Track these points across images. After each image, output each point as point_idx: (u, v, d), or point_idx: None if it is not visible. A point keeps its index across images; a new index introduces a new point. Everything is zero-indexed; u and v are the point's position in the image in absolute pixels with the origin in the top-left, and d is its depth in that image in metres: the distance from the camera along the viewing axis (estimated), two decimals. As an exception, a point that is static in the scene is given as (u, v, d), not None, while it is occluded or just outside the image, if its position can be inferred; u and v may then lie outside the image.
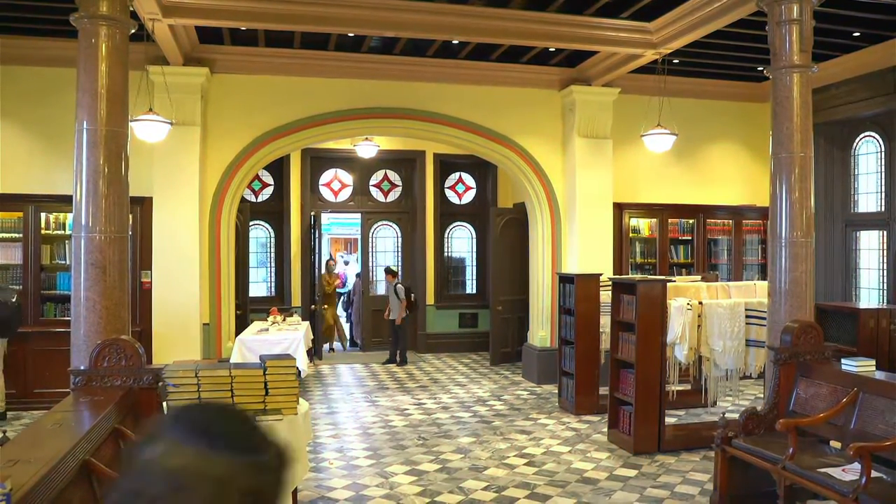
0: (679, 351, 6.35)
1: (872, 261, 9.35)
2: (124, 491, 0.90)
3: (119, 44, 4.87)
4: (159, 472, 0.88)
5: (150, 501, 0.86)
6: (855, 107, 8.91)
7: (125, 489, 0.90)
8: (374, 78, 8.89)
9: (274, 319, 9.01)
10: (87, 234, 4.74)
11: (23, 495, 2.27)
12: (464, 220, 12.54)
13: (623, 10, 7.46)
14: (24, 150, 8.15)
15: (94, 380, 4.12)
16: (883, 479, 3.93)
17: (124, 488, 0.90)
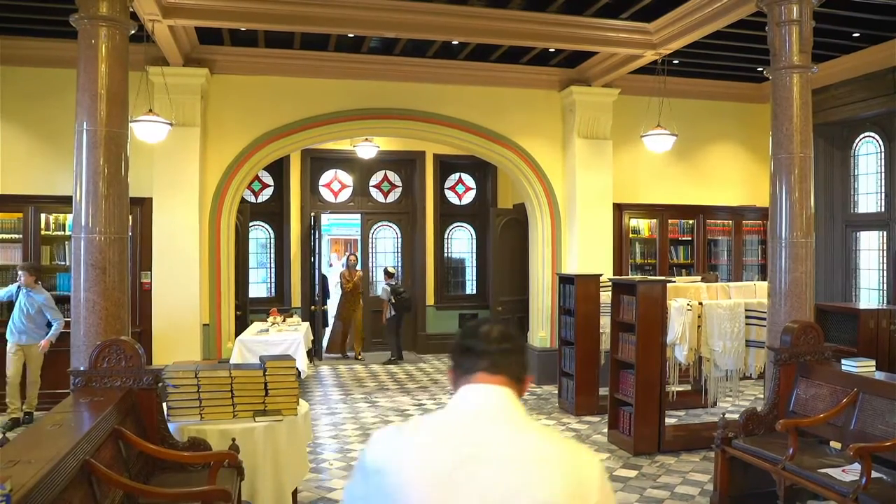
0: (679, 351, 6.35)
1: (872, 261, 9.35)
2: (477, 336, 1.58)
3: (119, 44, 4.87)
4: (496, 329, 1.59)
5: (496, 339, 1.56)
6: (855, 107, 8.91)
7: (472, 330, 1.60)
8: (374, 78, 8.89)
9: (274, 320, 9.00)
10: (87, 234, 4.74)
11: (23, 496, 2.27)
12: (464, 221, 12.54)
13: (623, 11, 7.46)
14: (24, 151, 8.15)
15: (94, 380, 4.12)
16: (883, 480, 3.93)
17: (469, 329, 1.61)
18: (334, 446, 6.63)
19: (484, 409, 1.47)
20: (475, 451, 1.40)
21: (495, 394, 1.49)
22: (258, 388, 4.43)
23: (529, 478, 1.37)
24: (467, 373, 1.54)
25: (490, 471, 1.38)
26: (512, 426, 1.46)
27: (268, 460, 4.27)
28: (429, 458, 1.42)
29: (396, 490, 1.40)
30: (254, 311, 10.28)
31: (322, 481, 5.61)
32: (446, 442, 1.44)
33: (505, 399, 1.49)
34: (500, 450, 1.41)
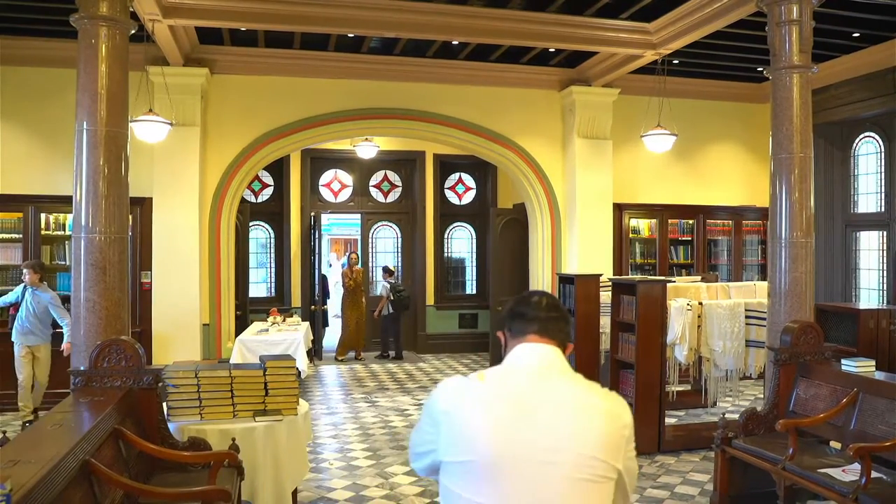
0: (679, 351, 6.35)
1: (872, 261, 9.35)
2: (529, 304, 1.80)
3: (119, 44, 4.86)
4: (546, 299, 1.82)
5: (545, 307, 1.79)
6: (855, 107, 8.91)
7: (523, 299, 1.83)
8: (374, 78, 8.89)
9: (274, 320, 9.00)
10: (87, 234, 4.74)
11: (23, 495, 2.27)
12: (464, 221, 12.54)
13: (623, 11, 7.47)
14: (24, 150, 8.15)
15: (94, 380, 4.12)
16: (883, 480, 3.93)
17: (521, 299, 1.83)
18: (334, 446, 6.63)
19: (537, 364, 1.72)
20: (531, 399, 1.65)
21: (546, 351, 1.73)
22: (258, 388, 4.43)
23: (578, 421, 1.64)
24: (520, 334, 1.77)
25: (545, 415, 1.62)
26: (561, 378, 1.72)
27: (268, 460, 4.27)
28: (492, 404, 1.65)
29: (463, 429, 1.62)
30: (254, 311, 10.28)
31: (322, 481, 5.61)
32: (506, 390, 1.68)
33: (554, 356, 1.74)
34: (552, 397, 1.66)
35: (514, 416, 1.63)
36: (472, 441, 1.62)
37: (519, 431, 1.61)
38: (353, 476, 5.73)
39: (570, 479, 1.61)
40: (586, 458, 1.62)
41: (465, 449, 1.63)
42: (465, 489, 1.63)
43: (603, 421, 1.66)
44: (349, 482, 5.58)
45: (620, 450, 1.68)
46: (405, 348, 12.01)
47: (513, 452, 1.61)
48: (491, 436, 1.61)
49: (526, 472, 1.60)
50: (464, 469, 1.63)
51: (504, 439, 1.61)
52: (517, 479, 1.60)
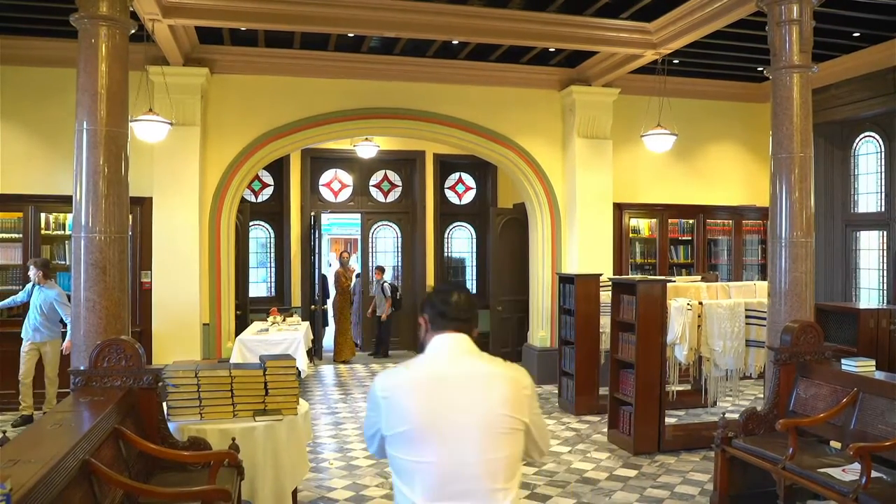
0: (679, 351, 6.35)
1: (872, 261, 9.35)
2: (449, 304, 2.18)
3: (119, 44, 4.86)
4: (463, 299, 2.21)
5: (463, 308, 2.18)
6: (855, 107, 8.91)
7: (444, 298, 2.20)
8: (373, 78, 8.89)
9: (274, 320, 9.00)
10: (87, 234, 4.74)
11: (23, 495, 2.27)
12: (464, 221, 12.54)
13: (623, 11, 7.46)
14: (24, 150, 8.15)
15: (94, 380, 4.12)
16: (883, 480, 3.93)
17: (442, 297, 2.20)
18: (334, 446, 6.63)
19: (451, 350, 2.15)
20: (448, 376, 2.10)
21: (458, 339, 2.17)
22: (258, 388, 4.43)
23: (486, 387, 2.09)
24: (440, 329, 2.19)
25: (459, 387, 2.07)
26: (470, 357, 2.15)
27: (268, 460, 4.27)
28: (418, 384, 2.09)
29: (398, 407, 2.05)
30: (254, 311, 10.28)
31: (322, 481, 5.61)
32: (428, 372, 2.12)
33: (464, 342, 2.17)
34: (464, 371, 2.11)
35: (436, 391, 2.06)
36: (406, 415, 2.03)
37: (440, 401, 2.04)
38: (352, 476, 5.73)
39: (484, 433, 2.04)
40: (495, 415, 2.05)
41: (400, 422, 2.04)
42: (406, 453, 2.04)
43: (506, 385, 2.09)
44: (349, 482, 5.58)
45: (524, 406, 2.11)
46: (405, 348, 12.04)
47: (437, 418, 2.03)
48: (419, 408, 2.03)
49: (449, 431, 2.02)
50: (402, 437, 2.04)
51: (429, 409, 2.03)
52: (443, 438, 2.02)
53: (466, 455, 2.02)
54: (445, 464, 2.02)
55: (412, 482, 2.04)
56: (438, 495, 2.01)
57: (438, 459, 2.02)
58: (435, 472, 2.02)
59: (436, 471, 2.02)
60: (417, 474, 2.03)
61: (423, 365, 2.15)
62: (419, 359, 2.18)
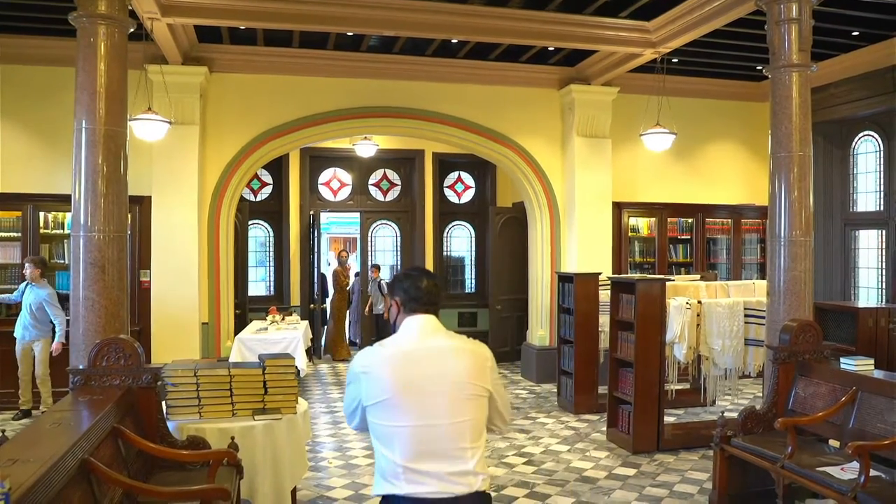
0: (678, 350, 6.36)
1: (871, 260, 9.35)
2: (420, 290, 2.47)
3: (118, 43, 4.86)
4: (431, 284, 2.51)
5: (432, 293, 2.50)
6: (854, 106, 8.91)
7: (416, 284, 2.48)
8: (373, 77, 8.88)
9: (273, 319, 9.00)
10: (86, 233, 4.73)
11: (22, 494, 2.27)
12: (463, 220, 12.54)
13: (622, 10, 7.46)
14: (24, 150, 8.15)
15: (93, 379, 4.11)
16: (882, 478, 3.93)
17: (414, 283, 2.49)
18: (333, 445, 6.63)
19: (421, 328, 2.46)
20: (419, 350, 2.40)
21: (427, 319, 2.48)
22: (257, 387, 4.43)
23: (452, 359, 2.39)
24: (412, 311, 2.49)
25: (429, 359, 2.38)
26: (437, 334, 2.46)
27: (267, 459, 4.27)
28: (393, 359, 2.37)
29: (378, 379, 2.33)
30: (253, 310, 10.28)
31: (321, 480, 5.61)
32: (402, 349, 2.41)
33: (433, 321, 2.49)
34: (433, 346, 2.42)
35: (409, 364, 2.36)
36: (384, 385, 2.31)
37: (414, 373, 2.34)
38: (352, 475, 5.73)
39: (452, 399, 2.34)
40: (461, 383, 2.36)
41: (380, 392, 2.32)
42: (385, 420, 2.33)
43: (470, 357, 2.42)
44: (348, 481, 5.58)
45: (486, 375, 2.43)
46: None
47: (411, 388, 2.31)
48: (395, 380, 2.32)
49: (422, 399, 2.32)
50: (381, 406, 2.32)
51: (404, 380, 2.32)
52: (417, 404, 2.31)
53: (438, 419, 2.32)
54: (420, 427, 2.31)
55: (392, 445, 2.32)
56: (415, 454, 2.30)
57: (414, 423, 2.31)
58: (411, 435, 2.30)
59: (412, 433, 2.31)
60: (396, 437, 2.31)
61: (398, 343, 2.46)
62: (393, 338, 2.48)
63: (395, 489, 2.32)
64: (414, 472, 2.29)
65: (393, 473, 2.32)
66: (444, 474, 2.31)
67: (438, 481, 2.30)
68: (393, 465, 2.31)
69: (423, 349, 2.42)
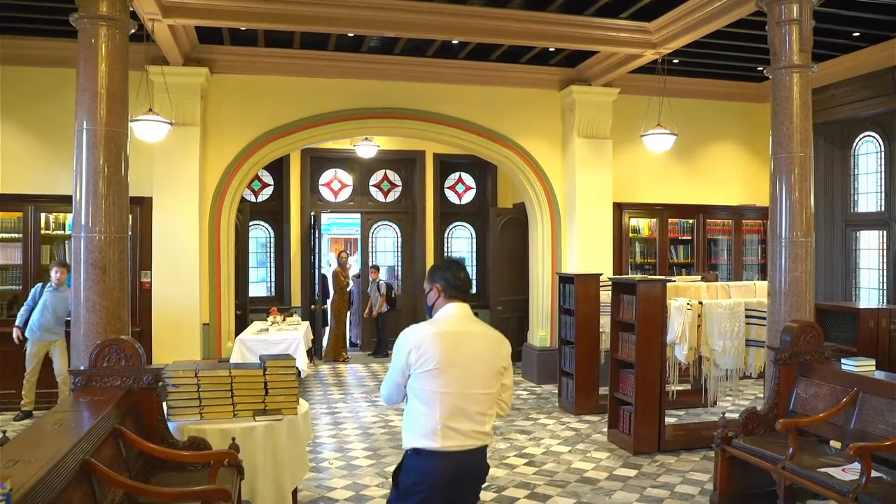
0: (679, 351, 6.35)
1: (872, 261, 9.35)
2: (457, 276, 3.04)
3: (119, 44, 4.86)
4: (467, 276, 3.10)
5: (469, 283, 3.12)
6: (855, 107, 8.91)
7: (457, 275, 3.04)
8: (373, 78, 8.89)
9: (274, 319, 9.00)
10: (87, 234, 4.74)
11: (23, 495, 2.27)
12: (464, 220, 12.55)
13: (623, 10, 7.46)
14: (24, 150, 8.15)
15: (94, 380, 4.12)
16: (883, 479, 3.93)
17: (455, 273, 3.05)
18: (334, 445, 6.63)
19: (461, 314, 3.02)
20: (460, 331, 2.96)
21: (464, 307, 3.05)
22: (258, 388, 4.43)
23: (485, 341, 3.00)
24: (451, 298, 3.03)
25: (468, 339, 2.95)
26: (471, 320, 3.04)
27: (268, 460, 4.27)
28: (440, 336, 2.89)
29: (429, 350, 2.84)
30: (254, 311, 10.28)
31: (322, 480, 5.61)
32: (446, 328, 2.95)
33: (467, 309, 3.05)
34: (470, 329, 2.99)
35: (454, 342, 2.90)
36: (433, 356, 2.84)
37: (457, 348, 2.89)
38: (352, 476, 5.73)
39: (485, 375, 2.93)
40: (490, 363, 2.96)
41: (429, 362, 2.84)
42: (431, 386, 2.84)
43: (496, 342, 3.03)
44: (349, 482, 5.58)
45: (506, 356, 3.03)
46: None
47: (454, 359, 2.86)
48: (444, 353, 2.85)
49: (463, 371, 2.88)
50: (430, 374, 2.84)
51: (449, 353, 2.86)
52: (459, 376, 2.86)
53: (473, 388, 2.89)
54: (460, 394, 2.86)
55: (433, 406, 2.85)
56: (451, 415, 2.84)
57: (455, 390, 2.86)
58: (451, 399, 2.85)
59: (452, 398, 2.85)
60: (438, 400, 2.85)
61: (443, 323, 2.98)
62: (436, 319, 3.02)
63: (431, 444, 2.85)
64: (450, 428, 2.84)
65: (432, 430, 2.84)
66: (471, 432, 2.89)
67: (465, 437, 2.87)
68: (434, 422, 2.84)
69: (463, 332, 2.96)
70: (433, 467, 2.86)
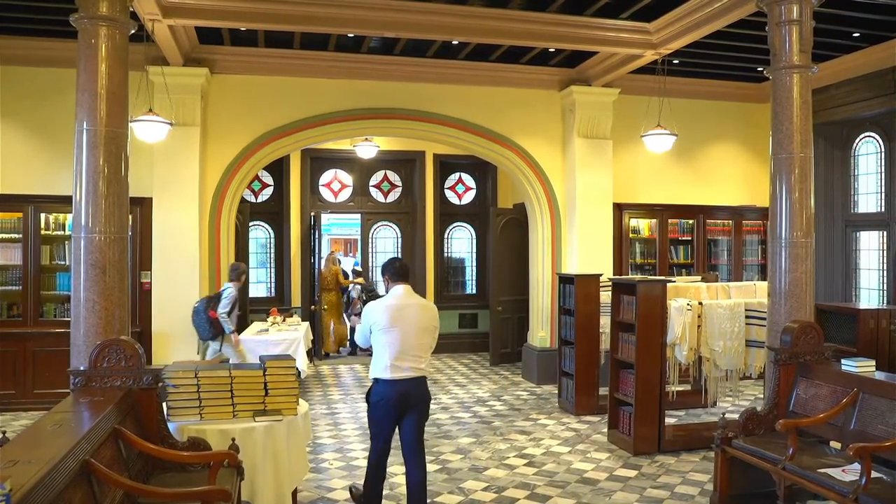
0: (679, 351, 6.35)
1: (872, 261, 9.35)
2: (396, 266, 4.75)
3: (119, 44, 4.86)
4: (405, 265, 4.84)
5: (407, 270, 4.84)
6: (855, 107, 8.91)
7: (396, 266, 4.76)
8: (374, 78, 8.89)
9: (274, 320, 9.00)
10: (87, 234, 4.74)
11: (22, 496, 2.27)
12: (464, 221, 12.54)
13: (623, 11, 7.47)
14: (24, 150, 8.15)
15: (94, 380, 4.12)
16: (883, 480, 3.93)
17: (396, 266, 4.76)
18: (334, 446, 6.63)
19: (403, 292, 4.59)
20: (403, 303, 4.54)
21: (405, 287, 4.62)
22: (258, 388, 4.43)
23: (421, 310, 4.60)
24: (396, 282, 4.61)
25: (409, 308, 4.54)
26: (412, 296, 4.65)
27: (268, 460, 4.27)
28: (392, 305, 4.52)
29: (382, 317, 4.46)
30: (254, 311, 10.28)
31: (322, 481, 5.61)
32: (395, 302, 4.54)
33: (410, 288, 4.66)
34: (410, 302, 4.58)
35: (398, 311, 4.46)
36: (384, 320, 4.42)
37: (399, 314, 4.45)
38: (352, 476, 5.73)
39: (418, 330, 4.48)
40: (424, 319, 4.53)
41: (382, 323, 4.43)
42: (384, 338, 4.43)
43: (428, 310, 4.63)
44: (349, 482, 5.57)
45: (434, 317, 4.61)
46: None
47: (398, 322, 4.43)
48: (390, 318, 4.43)
49: (405, 328, 4.43)
50: (383, 331, 4.43)
51: (393, 318, 4.43)
52: (402, 332, 4.42)
53: (411, 339, 4.48)
54: (402, 343, 4.45)
55: (385, 352, 4.45)
56: (397, 358, 4.44)
57: (400, 340, 4.44)
58: (397, 347, 4.44)
59: (397, 346, 4.44)
60: (388, 348, 4.44)
61: (390, 298, 4.59)
62: (388, 296, 4.62)
63: (385, 375, 4.46)
64: (396, 366, 4.45)
65: (384, 367, 4.45)
66: (410, 368, 4.48)
67: (406, 371, 4.47)
68: (386, 362, 4.44)
69: (404, 304, 4.55)
70: (387, 390, 4.46)
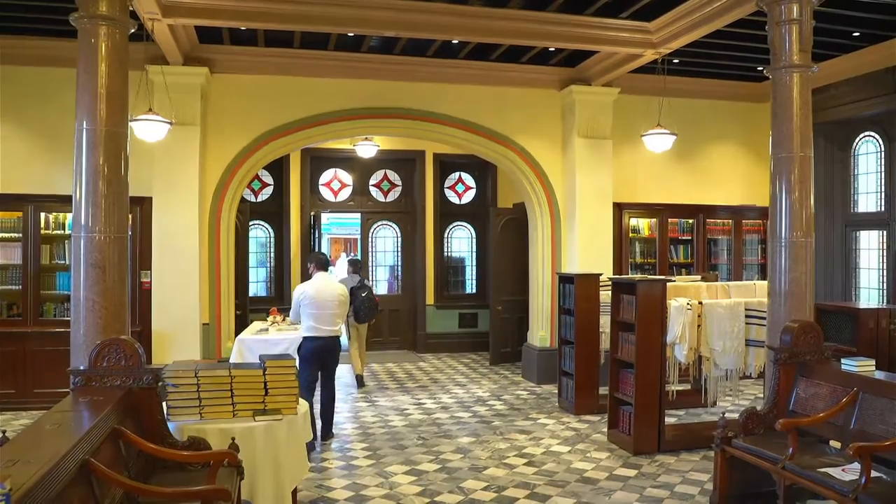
0: (679, 351, 6.35)
1: (872, 261, 9.35)
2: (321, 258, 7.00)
3: (119, 43, 4.86)
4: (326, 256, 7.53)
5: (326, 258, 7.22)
6: (855, 107, 8.91)
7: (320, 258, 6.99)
8: (374, 78, 8.89)
9: (273, 319, 8.95)
10: (87, 234, 4.74)
11: (22, 495, 2.27)
12: (464, 220, 12.54)
13: (623, 10, 7.46)
14: (24, 150, 8.15)
15: (94, 380, 4.11)
16: (883, 479, 3.93)
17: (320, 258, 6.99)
18: (334, 445, 6.63)
19: (326, 277, 6.75)
20: (323, 285, 6.60)
21: (327, 274, 6.80)
22: (258, 388, 4.43)
23: (336, 290, 6.69)
24: (318, 270, 6.70)
25: (328, 290, 6.59)
26: (331, 280, 6.91)
27: (267, 459, 4.27)
28: (316, 288, 6.54)
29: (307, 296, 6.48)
30: (253, 311, 10.28)
31: (322, 481, 5.61)
32: (318, 285, 6.57)
33: (330, 275, 6.94)
34: (329, 285, 6.68)
35: (320, 292, 6.51)
36: (310, 299, 6.46)
37: (319, 294, 6.49)
38: (352, 476, 5.73)
39: (334, 303, 6.57)
40: (338, 296, 6.63)
41: (307, 300, 6.46)
42: (309, 311, 6.47)
43: (341, 291, 6.73)
44: (349, 482, 5.58)
45: (344, 293, 6.78)
46: (405, 348, 12.04)
47: (318, 299, 6.47)
48: (314, 297, 6.46)
49: (324, 303, 6.50)
50: (308, 306, 6.46)
51: (315, 297, 6.47)
52: (322, 306, 6.49)
53: (328, 310, 6.47)
54: (322, 313, 6.43)
55: (310, 320, 6.43)
56: (319, 322, 6.43)
57: (320, 311, 6.43)
58: (318, 316, 6.42)
59: (318, 316, 6.43)
60: (312, 317, 6.42)
61: (314, 282, 6.53)
62: (312, 280, 6.56)
63: (310, 334, 6.43)
64: (318, 328, 6.40)
65: (310, 328, 6.42)
66: (328, 329, 6.45)
67: (325, 332, 6.43)
68: (311, 325, 6.41)
69: (323, 286, 6.49)
70: (312, 344, 6.42)
